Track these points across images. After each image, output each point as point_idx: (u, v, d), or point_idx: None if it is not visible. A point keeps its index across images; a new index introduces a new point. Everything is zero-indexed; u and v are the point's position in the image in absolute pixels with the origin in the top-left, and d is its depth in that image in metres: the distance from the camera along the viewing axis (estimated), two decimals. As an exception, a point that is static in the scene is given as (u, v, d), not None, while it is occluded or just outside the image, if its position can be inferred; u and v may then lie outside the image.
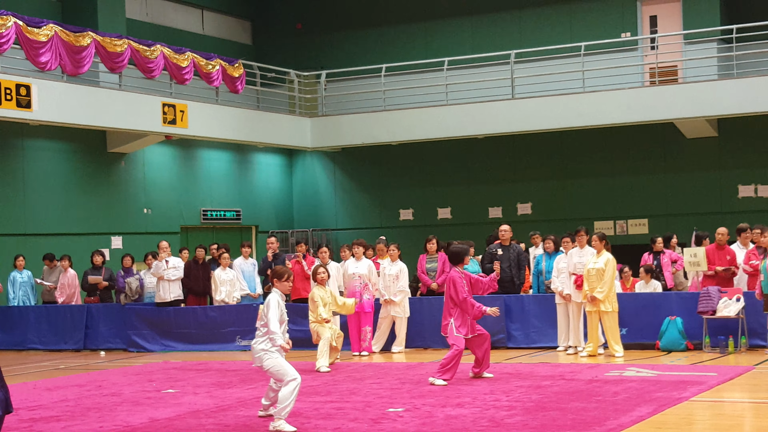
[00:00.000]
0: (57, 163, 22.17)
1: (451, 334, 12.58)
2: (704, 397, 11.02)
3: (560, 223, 23.81)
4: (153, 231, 23.60)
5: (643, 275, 16.67)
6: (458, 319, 12.62)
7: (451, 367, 12.47)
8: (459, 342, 12.55)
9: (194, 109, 22.50)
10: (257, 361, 10.20)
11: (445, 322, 12.70)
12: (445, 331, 12.72)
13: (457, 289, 12.58)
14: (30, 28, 19.13)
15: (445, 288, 12.78)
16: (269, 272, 10.70)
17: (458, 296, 12.56)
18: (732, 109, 21.79)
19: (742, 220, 18.86)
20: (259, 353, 10.15)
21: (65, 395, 12.65)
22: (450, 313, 12.67)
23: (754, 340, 15.20)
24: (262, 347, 10.14)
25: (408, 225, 26.72)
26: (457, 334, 12.56)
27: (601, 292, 14.70)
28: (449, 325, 12.62)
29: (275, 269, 10.60)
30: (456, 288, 12.59)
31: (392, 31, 27.41)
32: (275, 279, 10.48)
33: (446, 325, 12.66)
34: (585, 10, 25.31)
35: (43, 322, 19.40)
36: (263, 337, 10.18)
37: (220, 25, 28.20)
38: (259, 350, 10.15)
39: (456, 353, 12.47)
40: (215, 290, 18.55)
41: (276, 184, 27.94)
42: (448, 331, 12.64)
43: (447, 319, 12.67)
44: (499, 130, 23.87)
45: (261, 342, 10.18)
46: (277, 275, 10.47)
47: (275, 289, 10.44)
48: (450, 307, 12.68)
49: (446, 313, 12.71)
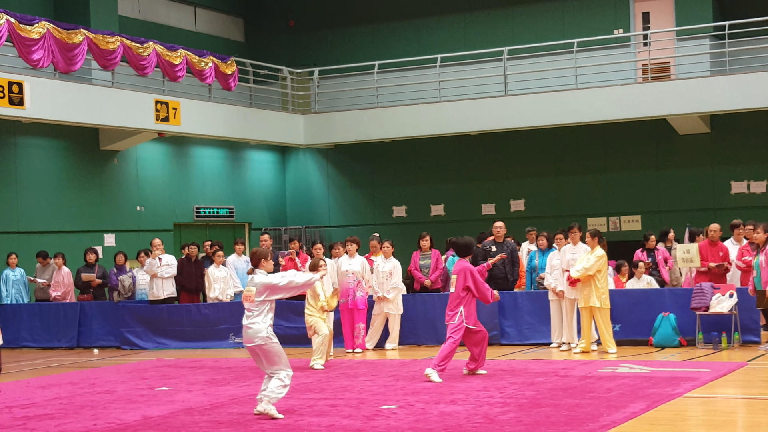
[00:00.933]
0: (49, 160, 22.13)
1: (459, 323, 12.58)
2: (697, 393, 11.05)
3: (553, 220, 23.86)
4: (146, 228, 23.58)
5: (636, 271, 16.70)
6: (467, 308, 12.66)
7: (448, 360, 12.56)
8: (458, 333, 12.58)
9: (187, 106, 22.48)
10: (256, 340, 10.23)
11: (453, 312, 12.67)
12: (451, 319, 12.69)
13: (476, 279, 12.71)
14: (22, 26, 19.09)
15: (457, 279, 12.76)
16: (251, 257, 10.66)
17: (478, 285, 12.67)
18: (724, 106, 21.82)
19: (734, 216, 18.92)
20: (261, 333, 10.20)
21: (58, 393, 12.63)
22: (460, 302, 12.68)
23: (747, 336, 15.24)
24: (260, 328, 10.20)
25: (401, 222, 26.73)
26: (466, 324, 12.58)
27: (578, 272, 14.75)
28: (458, 314, 12.62)
29: (256, 251, 10.60)
30: (475, 277, 12.72)
31: (385, 28, 27.40)
32: (262, 259, 10.47)
33: (455, 314, 12.65)
34: (577, 6, 25.31)
35: (36, 319, 19.38)
36: (259, 317, 10.23)
37: (212, 23, 28.17)
38: (260, 330, 10.20)
39: (454, 345, 12.54)
40: (209, 287, 18.54)
41: (269, 181, 27.92)
42: (455, 319, 12.62)
43: (456, 309, 12.67)
44: (492, 127, 23.88)
45: (257, 322, 10.23)
46: (263, 255, 10.50)
47: (260, 270, 10.46)
48: (461, 297, 12.67)
49: (455, 304, 12.69)
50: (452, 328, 12.67)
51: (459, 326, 12.62)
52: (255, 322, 10.27)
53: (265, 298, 10.34)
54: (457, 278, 12.80)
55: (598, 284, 14.89)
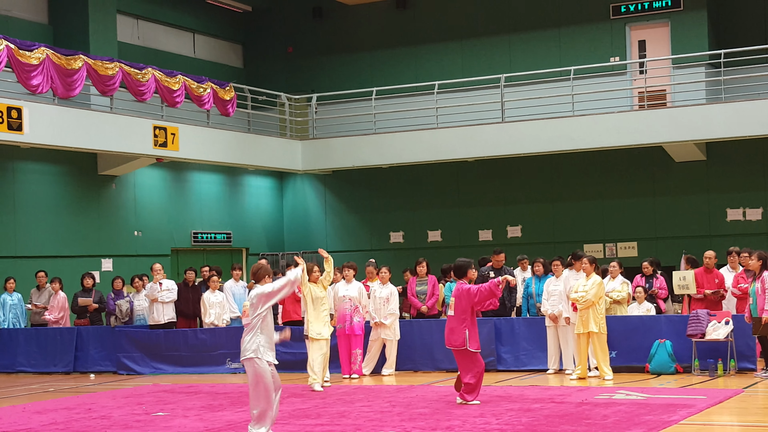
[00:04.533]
0: (48, 185, 22.17)
1: (471, 346, 12.61)
2: (694, 420, 11.05)
3: (550, 246, 23.87)
4: (143, 253, 23.59)
5: (638, 295, 16.73)
6: (472, 330, 12.67)
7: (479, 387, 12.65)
8: (480, 360, 12.68)
9: (185, 131, 22.54)
10: (244, 354, 10.20)
11: (461, 335, 12.66)
12: (458, 344, 12.68)
13: (471, 291, 12.69)
14: (22, 51, 19.18)
15: (455, 301, 12.78)
16: (254, 271, 10.66)
17: (482, 290, 12.63)
18: (720, 133, 21.91)
19: (730, 243, 18.96)
20: (248, 351, 10.15)
21: (55, 418, 12.62)
22: (464, 325, 12.67)
23: (743, 363, 15.25)
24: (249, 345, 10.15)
25: (398, 247, 26.75)
26: (469, 348, 12.60)
27: (582, 296, 14.80)
28: (465, 337, 12.63)
29: (261, 267, 10.58)
30: (470, 291, 12.70)
31: (382, 55, 27.53)
32: (266, 276, 10.49)
33: (463, 337, 12.65)
34: (574, 34, 25.46)
35: (33, 344, 19.36)
36: (250, 333, 10.19)
37: (211, 49, 28.30)
38: (248, 348, 10.16)
39: (480, 373, 12.62)
40: (204, 313, 18.54)
41: (267, 206, 27.97)
42: (466, 342, 12.61)
43: (462, 333, 12.67)
44: (489, 154, 23.95)
45: (247, 339, 10.20)
46: (267, 273, 10.52)
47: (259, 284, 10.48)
48: (463, 318, 12.67)
49: (460, 327, 12.68)
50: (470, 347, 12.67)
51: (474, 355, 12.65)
52: (246, 338, 10.24)
53: (260, 310, 10.25)
54: (456, 301, 12.80)
55: (598, 310, 14.93)
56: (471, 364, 12.65)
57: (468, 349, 12.60)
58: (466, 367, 12.68)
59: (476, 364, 12.66)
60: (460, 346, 12.64)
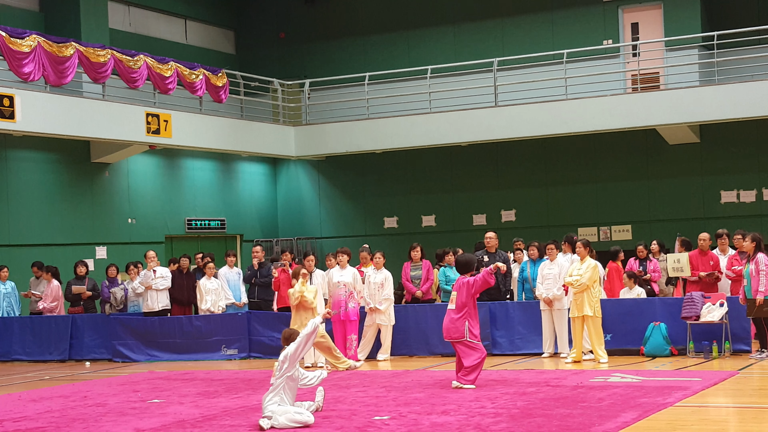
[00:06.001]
0: (41, 173, 22.11)
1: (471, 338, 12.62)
2: (689, 402, 11.08)
3: (544, 230, 23.91)
4: (137, 241, 23.56)
5: (627, 281, 16.73)
6: (473, 321, 12.68)
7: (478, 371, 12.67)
8: (482, 348, 12.69)
9: (178, 118, 22.49)
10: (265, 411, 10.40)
11: (461, 327, 12.66)
12: (458, 335, 12.68)
13: (469, 282, 12.69)
14: (13, 39, 19.11)
15: (457, 294, 12.77)
16: (285, 337, 10.87)
17: (477, 281, 12.65)
18: (714, 115, 21.91)
19: (724, 225, 18.97)
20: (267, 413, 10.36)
21: (50, 406, 12.62)
22: (464, 317, 12.68)
23: (737, 344, 15.29)
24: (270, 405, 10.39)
25: (392, 233, 26.75)
26: (476, 341, 12.62)
27: (576, 280, 14.81)
28: (465, 329, 12.64)
29: (292, 334, 10.89)
30: (468, 283, 12.70)
31: (375, 40, 27.47)
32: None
33: (463, 329, 12.64)
34: (567, 17, 25.41)
35: (28, 333, 19.34)
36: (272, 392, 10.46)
37: (203, 35, 28.21)
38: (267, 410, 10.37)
39: (482, 358, 12.63)
40: (200, 299, 18.54)
41: (260, 192, 27.93)
42: (465, 334, 12.63)
43: (463, 323, 12.66)
44: (483, 138, 23.94)
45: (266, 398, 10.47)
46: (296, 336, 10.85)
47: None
48: (464, 310, 12.68)
49: (460, 320, 12.68)
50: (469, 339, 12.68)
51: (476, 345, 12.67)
52: (266, 396, 10.48)
53: (285, 370, 10.48)
54: (458, 294, 12.80)
55: (592, 293, 14.95)
56: (471, 351, 12.67)
57: (467, 341, 12.61)
58: (466, 354, 12.69)
59: (477, 350, 12.67)
60: (460, 337, 12.66)
